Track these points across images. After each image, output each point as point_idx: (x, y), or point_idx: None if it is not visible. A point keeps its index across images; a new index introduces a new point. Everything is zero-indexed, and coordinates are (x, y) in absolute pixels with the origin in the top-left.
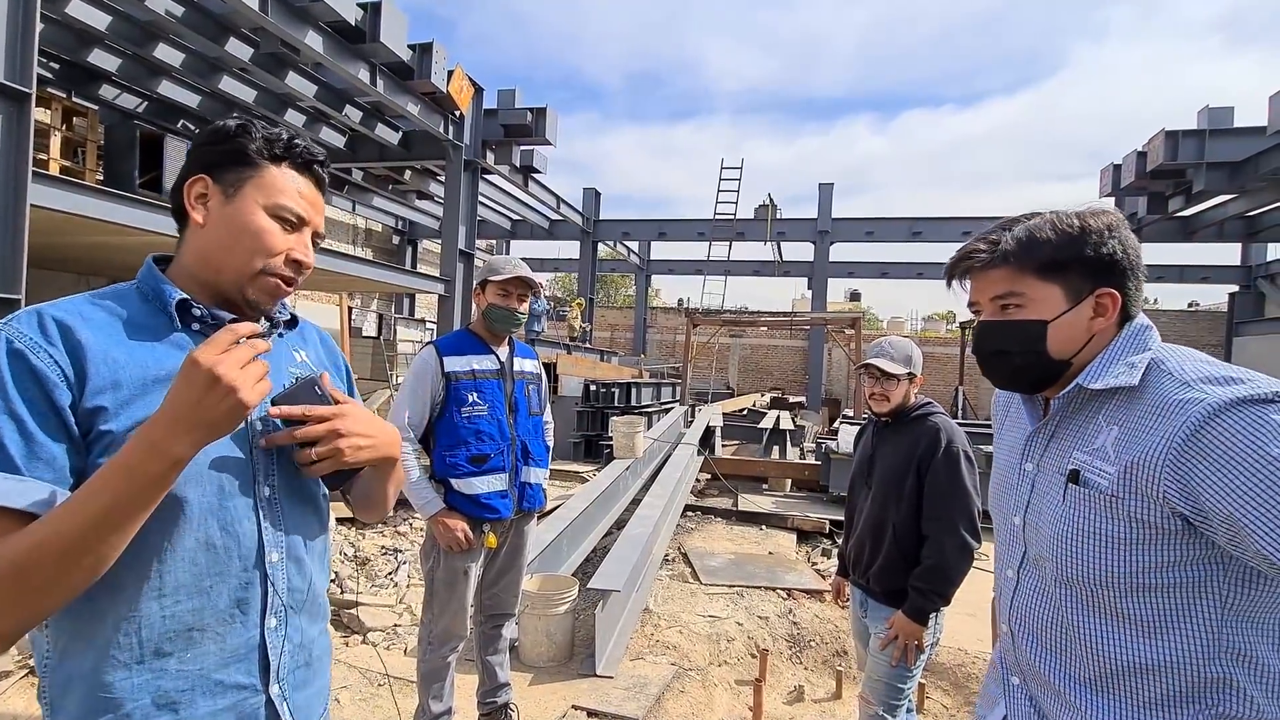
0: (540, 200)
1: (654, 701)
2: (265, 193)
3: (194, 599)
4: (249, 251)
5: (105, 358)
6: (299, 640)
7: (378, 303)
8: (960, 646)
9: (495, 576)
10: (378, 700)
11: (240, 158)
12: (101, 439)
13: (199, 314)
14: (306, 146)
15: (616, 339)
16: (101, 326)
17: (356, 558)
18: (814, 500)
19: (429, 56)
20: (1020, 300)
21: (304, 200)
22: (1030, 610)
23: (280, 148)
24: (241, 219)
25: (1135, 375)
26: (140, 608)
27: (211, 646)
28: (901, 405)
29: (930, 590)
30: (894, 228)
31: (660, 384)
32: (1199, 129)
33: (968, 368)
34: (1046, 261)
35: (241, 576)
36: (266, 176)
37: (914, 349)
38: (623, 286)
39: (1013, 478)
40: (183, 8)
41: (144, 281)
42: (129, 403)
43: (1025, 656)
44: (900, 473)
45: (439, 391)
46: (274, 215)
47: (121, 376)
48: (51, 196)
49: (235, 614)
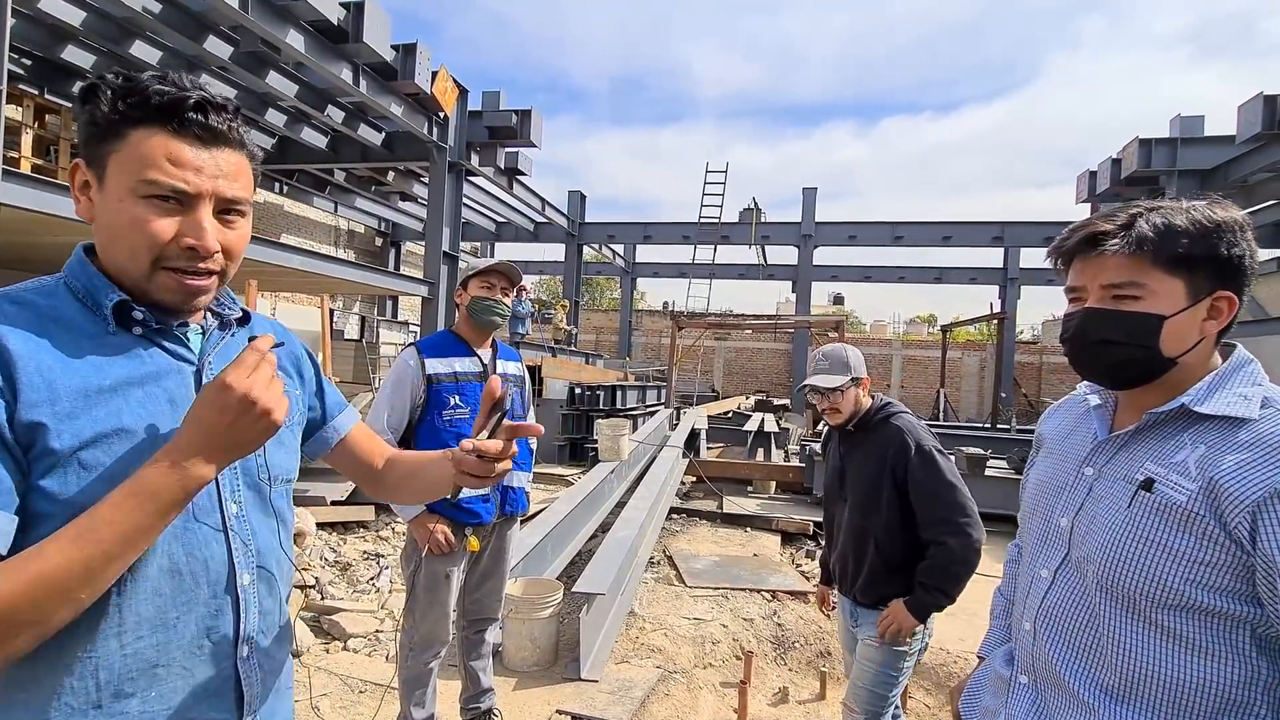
0: (525, 203)
1: (639, 705)
2: (129, 169)
3: (157, 633)
4: (130, 249)
5: (37, 366)
6: (269, 667)
7: (360, 305)
8: (943, 646)
9: (478, 581)
10: (359, 707)
11: (97, 129)
12: (44, 458)
13: (140, 317)
14: (168, 91)
15: (601, 342)
16: (28, 329)
17: (338, 563)
18: (798, 502)
19: (413, 57)
20: (1140, 291)
21: (183, 167)
22: (1062, 612)
23: (132, 102)
24: (113, 210)
25: (1252, 409)
26: (96, 647)
27: (179, 683)
28: (856, 411)
29: (935, 587)
30: (876, 232)
31: (645, 387)
32: (1171, 137)
33: (948, 370)
34: (1178, 255)
35: (211, 604)
36: (126, 147)
37: (850, 352)
38: (608, 289)
39: (1066, 480)
40: (160, 4)
41: (74, 276)
42: (71, 417)
43: (1044, 656)
44: (874, 481)
45: (420, 394)
46: (146, 196)
47: (58, 388)
48: (22, 195)
49: (205, 645)
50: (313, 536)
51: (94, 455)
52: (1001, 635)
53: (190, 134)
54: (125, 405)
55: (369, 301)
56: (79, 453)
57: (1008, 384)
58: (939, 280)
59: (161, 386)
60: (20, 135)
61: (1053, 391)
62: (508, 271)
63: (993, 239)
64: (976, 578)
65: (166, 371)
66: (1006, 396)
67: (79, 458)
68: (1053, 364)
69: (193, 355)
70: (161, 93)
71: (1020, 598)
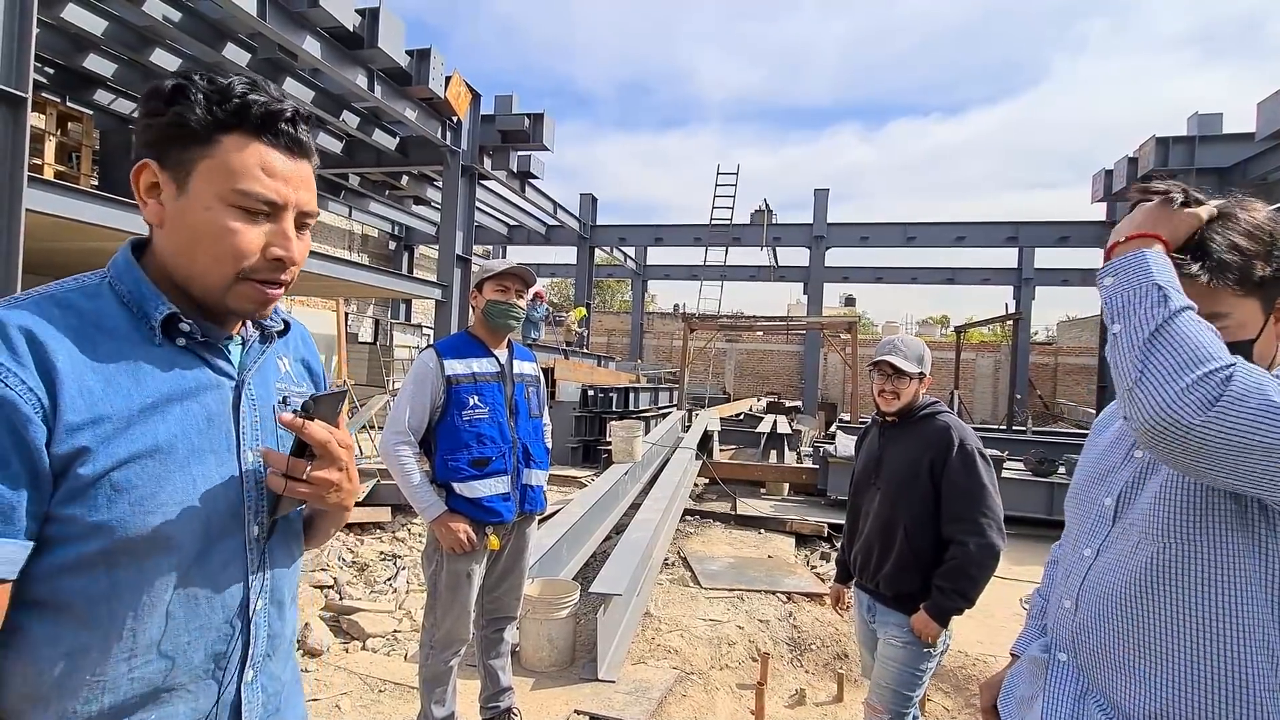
0: (537, 206)
1: (656, 706)
2: (221, 177)
3: (167, 658)
4: (214, 258)
5: (82, 387)
6: (272, 690)
7: (374, 308)
8: (961, 650)
9: (497, 580)
10: (379, 706)
11: (184, 132)
12: (67, 482)
13: (187, 329)
14: (266, 101)
15: (613, 344)
16: (73, 338)
17: (355, 563)
18: (812, 504)
19: (426, 62)
20: (1227, 321)
21: (275, 177)
22: (1104, 582)
23: (230, 109)
24: (197, 219)
25: None
26: (107, 671)
27: (181, 707)
28: (909, 404)
29: (953, 590)
30: (888, 233)
31: (657, 389)
32: (1189, 135)
33: (962, 371)
34: (1246, 277)
35: (223, 630)
36: (219, 153)
37: (925, 349)
38: (619, 292)
39: (1115, 462)
40: (180, 13)
41: (121, 280)
42: (111, 440)
43: (1084, 628)
44: (910, 472)
45: (440, 394)
46: (237, 205)
47: (101, 411)
48: (46, 201)
49: (211, 669)
50: (330, 537)
51: (126, 476)
52: (1036, 633)
53: (281, 145)
54: (162, 422)
55: (383, 305)
56: (112, 473)
57: (1023, 386)
58: (951, 281)
59: (200, 402)
60: (43, 142)
61: (1068, 393)
62: (522, 274)
63: (1007, 239)
64: (994, 581)
65: (206, 387)
66: (1021, 398)
67: (111, 479)
68: (1068, 365)
69: (233, 370)
70: (261, 102)
71: (1061, 580)
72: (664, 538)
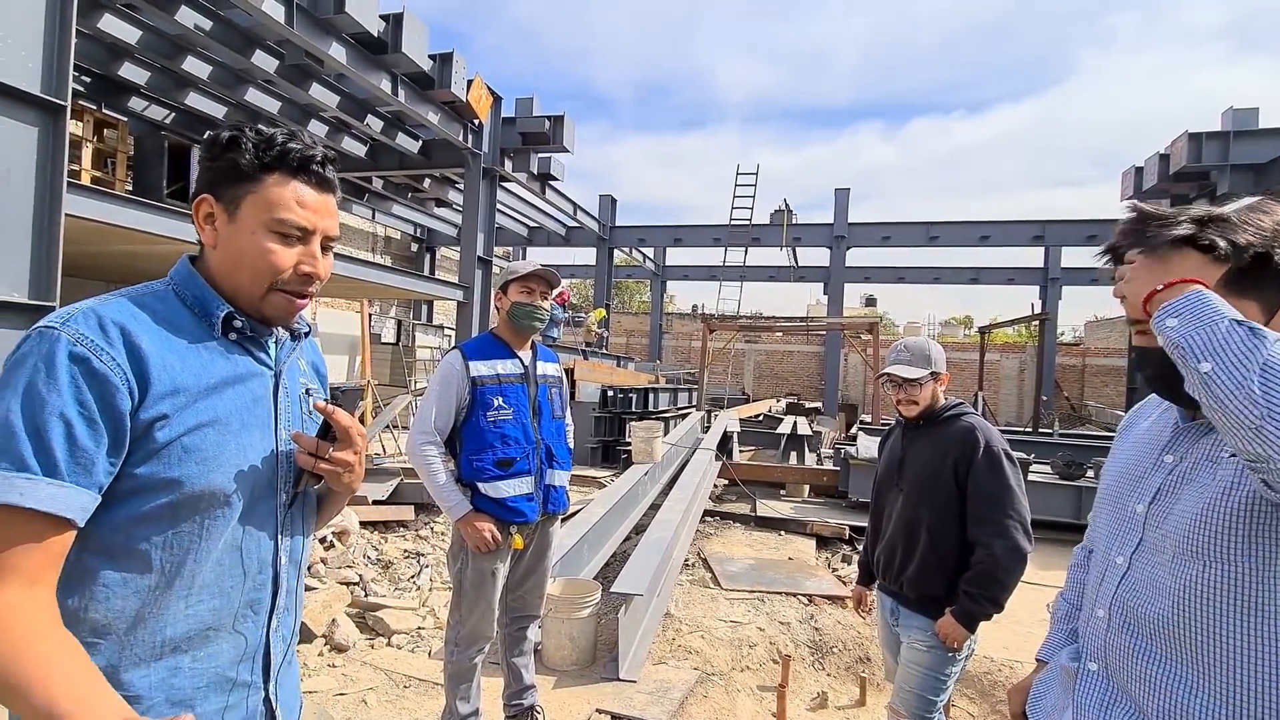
0: (557, 207)
1: (677, 706)
2: (263, 208)
3: (215, 599)
4: (255, 272)
5: (164, 364)
6: (289, 640)
7: (396, 309)
8: (986, 655)
9: (521, 578)
10: (404, 701)
11: (235, 173)
12: (145, 445)
13: (239, 325)
14: (301, 149)
15: (632, 345)
16: (153, 330)
17: (379, 561)
18: (832, 506)
19: (449, 66)
20: None
21: (306, 209)
22: (1138, 595)
23: (273, 155)
24: (243, 241)
25: None
26: (168, 607)
27: (225, 645)
28: (931, 406)
29: (982, 596)
30: (910, 232)
31: (676, 389)
32: (1223, 130)
33: (986, 372)
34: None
35: (258, 579)
36: (263, 190)
37: (932, 346)
38: (638, 292)
39: (1144, 468)
40: (210, 21)
41: (184, 286)
42: (185, 409)
43: (1117, 641)
44: (934, 473)
45: (465, 395)
46: (275, 231)
47: (179, 383)
48: (84, 206)
49: (248, 614)
50: (356, 534)
51: (194, 440)
52: (1063, 639)
53: (312, 182)
54: (221, 399)
55: (405, 306)
56: (183, 438)
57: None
58: (975, 281)
59: (248, 386)
60: (81, 149)
61: (1096, 395)
62: (548, 276)
63: (1033, 238)
64: (1020, 585)
65: (254, 374)
66: (1048, 400)
67: (182, 442)
68: (1096, 366)
69: (272, 361)
70: (297, 149)
71: (1092, 587)
72: (684, 538)
